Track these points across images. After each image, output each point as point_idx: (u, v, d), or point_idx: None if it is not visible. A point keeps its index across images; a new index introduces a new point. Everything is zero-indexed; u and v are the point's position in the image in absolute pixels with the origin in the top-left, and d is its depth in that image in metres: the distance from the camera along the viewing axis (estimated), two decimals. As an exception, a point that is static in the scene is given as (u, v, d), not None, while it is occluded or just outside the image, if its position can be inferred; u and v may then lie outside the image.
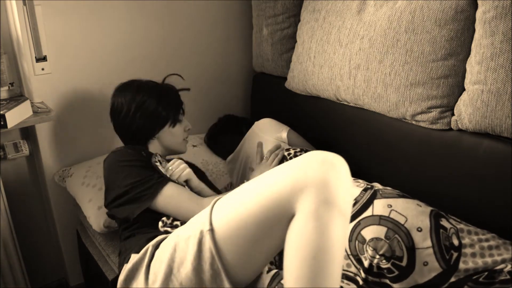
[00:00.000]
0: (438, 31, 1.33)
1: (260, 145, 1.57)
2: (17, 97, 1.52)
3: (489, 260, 1.12)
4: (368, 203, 1.21)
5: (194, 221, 1.00)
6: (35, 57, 1.53)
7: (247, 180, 1.50)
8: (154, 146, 1.42)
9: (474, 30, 1.30)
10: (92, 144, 1.75)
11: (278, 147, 1.54)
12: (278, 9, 1.84)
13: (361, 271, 1.15)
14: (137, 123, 1.35)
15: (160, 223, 1.20)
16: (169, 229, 1.17)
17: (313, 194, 0.81)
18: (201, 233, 0.93)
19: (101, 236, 1.54)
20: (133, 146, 1.37)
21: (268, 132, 1.64)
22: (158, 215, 1.23)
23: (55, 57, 1.58)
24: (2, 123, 1.36)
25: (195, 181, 1.34)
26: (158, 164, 1.29)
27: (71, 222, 1.78)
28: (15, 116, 1.40)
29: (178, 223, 1.20)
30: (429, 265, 1.11)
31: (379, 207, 1.18)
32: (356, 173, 1.63)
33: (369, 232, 1.15)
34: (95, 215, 1.50)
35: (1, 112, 1.35)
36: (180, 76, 1.51)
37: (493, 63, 1.22)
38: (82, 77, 1.66)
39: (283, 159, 1.52)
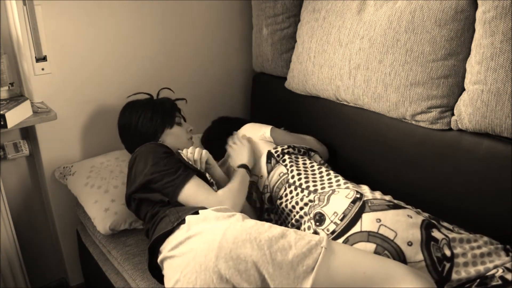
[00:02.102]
0: (438, 31, 1.33)
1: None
2: (17, 97, 1.52)
3: (481, 268, 1.11)
4: (357, 217, 1.18)
5: (309, 232, 1.15)
6: (35, 57, 1.53)
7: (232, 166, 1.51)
8: None
9: (474, 30, 1.30)
10: (92, 144, 1.75)
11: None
12: (278, 9, 1.84)
13: None
14: (140, 132, 1.48)
15: None
16: None
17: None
18: (317, 244, 1.06)
19: (101, 233, 1.54)
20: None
21: (251, 134, 1.63)
22: None
23: (55, 57, 1.58)
24: (2, 123, 1.36)
25: (212, 160, 1.46)
26: (181, 151, 1.38)
27: (71, 222, 1.78)
28: (15, 116, 1.40)
29: None
30: None
31: (368, 222, 1.16)
32: (355, 173, 1.63)
33: None
34: (101, 217, 1.50)
35: (1, 112, 1.35)
36: (170, 89, 1.65)
37: (493, 63, 1.22)
38: (82, 77, 1.66)
39: (270, 157, 1.50)
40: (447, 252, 1.12)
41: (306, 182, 1.40)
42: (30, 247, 1.78)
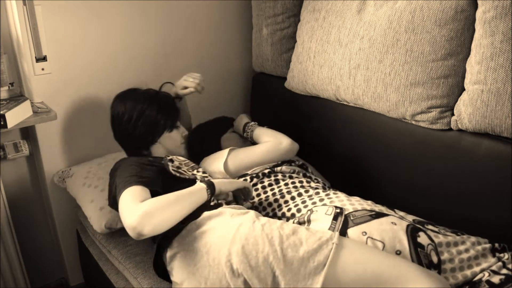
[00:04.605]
0: (438, 31, 1.33)
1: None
2: (17, 97, 1.52)
3: (468, 273, 1.11)
4: (342, 234, 1.14)
5: (319, 229, 1.14)
6: (35, 57, 1.53)
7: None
8: (157, 150, 1.47)
9: (474, 30, 1.30)
10: (92, 144, 1.75)
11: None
12: (278, 9, 1.84)
13: None
14: (139, 130, 1.41)
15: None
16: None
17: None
18: (328, 240, 1.06)
19: (101, 234, 1.54)
20: (137, 154, 1.44)
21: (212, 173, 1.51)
22: None
23: (55, 57, 1.58)
24: (2, 123, 1.36)
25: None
26: (169, 164, 1.30)
27: (71, 222, 1.78)
28: (15, 116, 1.40)
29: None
30: None
31: (354, 237, 1.14)
32: (354, 174, 1.64)
33: None
34: (97, 216, 1.50)
35: (1, 112, 1.35)
36: (172, 84, 1.61)
37: (493, 63, 1.22)
38: (82, 77, 1.66)
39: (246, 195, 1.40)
40: (434, 259, 1.12)
41: (280, 210, 1.34)
42: (30, 247, 1.78)
